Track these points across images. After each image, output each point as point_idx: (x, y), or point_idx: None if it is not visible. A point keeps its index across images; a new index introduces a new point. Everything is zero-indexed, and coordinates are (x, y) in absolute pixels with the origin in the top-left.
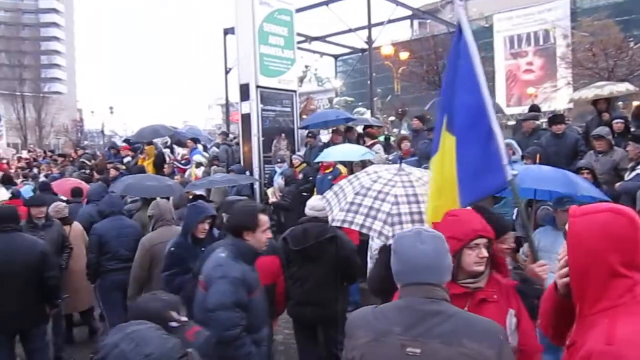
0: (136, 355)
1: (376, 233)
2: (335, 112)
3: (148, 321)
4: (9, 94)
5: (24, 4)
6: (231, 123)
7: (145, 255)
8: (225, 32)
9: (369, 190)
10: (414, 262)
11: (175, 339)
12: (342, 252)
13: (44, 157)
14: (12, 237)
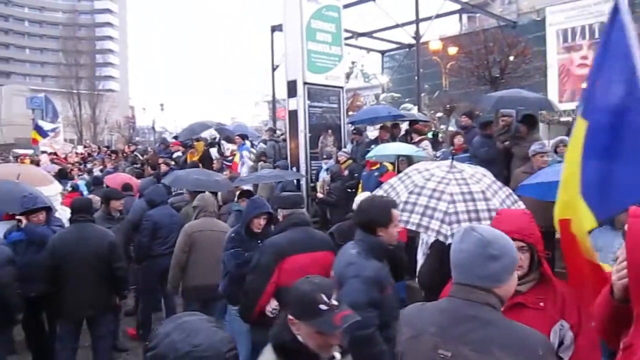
0: (185, 345)
1: (434, 232)
2: (385, 108)
3: (301, 302)
4: (66, 91)
5: (80, 5)
6: (277, 120)
7: (187, 241)
8: (272, 29)
9: (422, 189)
10: (454, 261)
11: (223, 332)
12: None
13: (99, 152)
14: (84, 227)
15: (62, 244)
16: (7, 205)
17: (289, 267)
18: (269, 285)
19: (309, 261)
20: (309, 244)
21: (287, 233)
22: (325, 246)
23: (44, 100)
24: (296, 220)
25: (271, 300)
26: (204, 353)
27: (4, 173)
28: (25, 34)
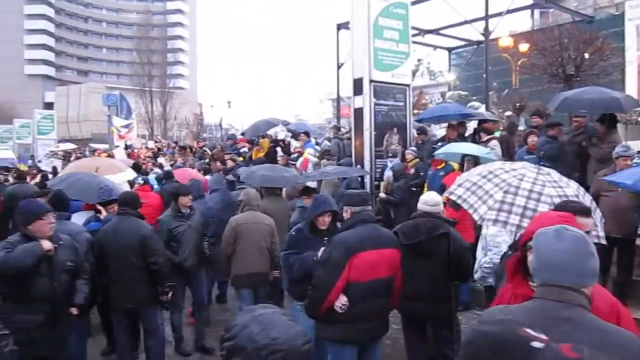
0: (263, 337)
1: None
2: (455, 106)
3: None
4: (139, 89)
5: (154, 6)
6: (341, 117)
7: (232, 232)
8: (338, 27)
9: (518, 189)
10: (548, 261)
11: (298, 325)
12: (454, 250)
13: (168, 147)
14: (122, 219)
15: (102, 236)
16: (86, 197)
17: (359, 263)
18: (340, 281)
19: (377, 258)
20: (377, 241)
21: (356, 230)
22: (392, 243)
23: (119, 98)
24: (364, 217)
25: (341, 296)
26: (281, 346)
27: (84, 166)
28: (102, 35)
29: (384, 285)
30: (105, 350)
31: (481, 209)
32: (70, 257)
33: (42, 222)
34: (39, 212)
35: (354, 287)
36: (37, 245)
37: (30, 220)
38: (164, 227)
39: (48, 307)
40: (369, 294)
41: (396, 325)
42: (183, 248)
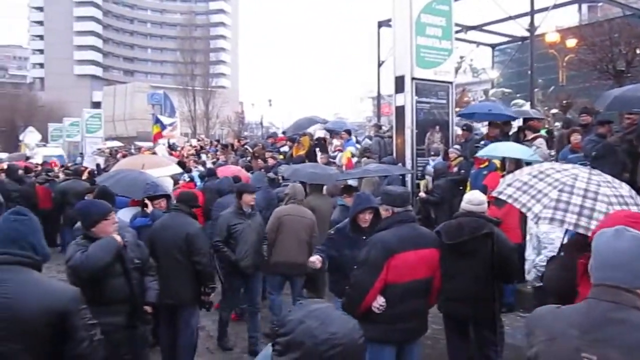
0: (322, 332)
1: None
2: (498, 106)
3: None
4: (182, 88)
5: (197, 6)
6: (382, 115)
7: (276, 222)
8: (379, 24)
9: (573, 188)
10: (605, 260)
11: (351, 319)
12: (498, 250)
13: (211, 145)
14: (173, 216)
15: (152, 231)
16: (133, 193)
17: (397, 264)
18: (377, 282)
19: (416, 259)
20: (416, 241)
21: (394, 230)
22: (431, 243)
23: (163, 97)
24: (403, 217)
25: (378, 297)
26: (341, 340)
27: (131, 163)
28: (147, 35)
29: (422, 286)
30: (152, 342)
31: (535, 208)
32: (137, 255)
33: (106, 223)
34: (103, 212)
35: (392, 288)
36: (112, 240)
37: (95, 221)
38: (223, 223)
39: (127, 307)
40: (407, 295)
41: (437, 325)
42: (240, 247)
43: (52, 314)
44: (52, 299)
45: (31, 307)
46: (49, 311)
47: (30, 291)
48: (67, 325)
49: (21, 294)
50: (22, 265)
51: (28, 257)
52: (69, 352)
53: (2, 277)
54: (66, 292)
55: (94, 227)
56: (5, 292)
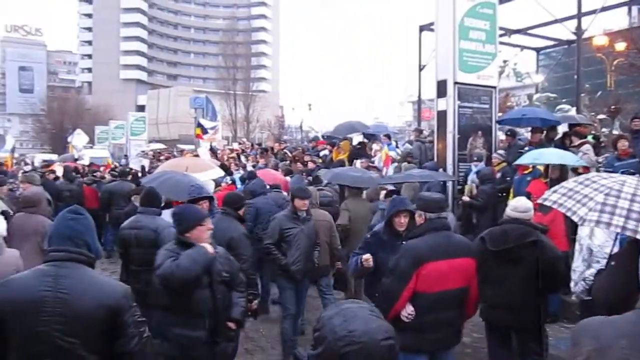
0: (342, 329)
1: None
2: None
3: None
4: (224, 92)
5: (239, 12)
6: (422, 120)
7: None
8: (420, 29)
9: (620, 192)
10: None
11: (382, 321)
12: (545, 258)
13: (251, 149)
14: (220, 219)
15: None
16: (176, 195)
17: (427, 274)
18: (406, 291)
19: (447, 268)
20: (449, 250)
21: (426, 237)
22: (465, 252)
23: (205, 101)
24: (436, 225)
25: (407, 305)
26: (359, 338)
27: (175, 165)
28: (190, 40)
29: (454, 297)
30: None
31: (581, 211)
32: (225, 267)
33: (201, 229)
34: (199, 217)
35: (421, 298)
36: (204, 251)
37: (190, 226)
38: (276, 226)
39: (210, 322)
40: (437, 305)
41: (477, 334)
42: (292, 252)
43: (106, 309)
44: (106, 295)
45: (87, 303)
46: (103, 307)
47: (86, 287)
48: (119, 322)
49: (78, 290)
50: (78, 262)
51: (83, 254)
52: (120, 349)
53: (60, 273)
54: (118, 289)
55: (188, 232)
56: (64, 287)
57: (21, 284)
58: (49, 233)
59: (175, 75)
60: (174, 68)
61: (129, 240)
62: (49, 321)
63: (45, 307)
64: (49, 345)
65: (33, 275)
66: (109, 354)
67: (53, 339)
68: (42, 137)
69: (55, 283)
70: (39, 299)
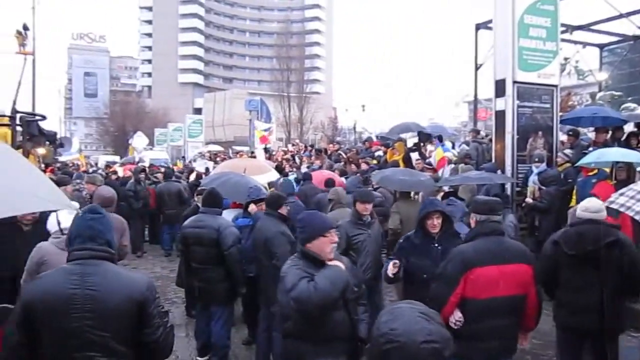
0: (384, 327)
1: None
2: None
3: None
4: (278, 95)
5: (293, 15)
6: (478, 120)
7: None
8: (477, 27)
9: None
10: None
11: (429, 323)
12: (627, 259)
13: (305, 150)
14: (264, 218)
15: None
16: (234, 196)
17: (475, 279)
18: (453, 296)
19: (497, 274)
20: (500, 256)
21: (476, 242)
22: (519, 258)
23: (260, 103)
24: (487, 230)
25: (455, 311)
26: (397, 337)
27: (233, 166)
28: (245, 44)
29: (505, 304)
30: (247, 339)
31: None
32: (354, 280)
33: (324, 240)
34: (324, 227)
35: (470, 304)
36: (342, 272)
37: (313, 236)
38: (342, 233)
39: (350, 345)
40: (487, 312)
41: (536, 340)
42: (362, 259)
43: (132, 302)
44: (131, 288)
45: (115, 297)
46: (130, 300)
47: (112, 283)
48: (145, 313)
49: (105, 286)
50: (101, 259)
51: (105, 251)
52: (146, 338)
53: (86, 271)
54: (142, 282)
55: (310, 242)
56: (91, 284)
57: (49, 283)
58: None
59: (230, 79)
60: (230, 71)
61: (191, 238)
62: (79, 317)
63: (75, 304)
64: (82, 340)
65: (59, 274)
66: (136, 345)
67: (85, 333)
68: (105, 140)
69: (82, 281)
70: (68, 297)
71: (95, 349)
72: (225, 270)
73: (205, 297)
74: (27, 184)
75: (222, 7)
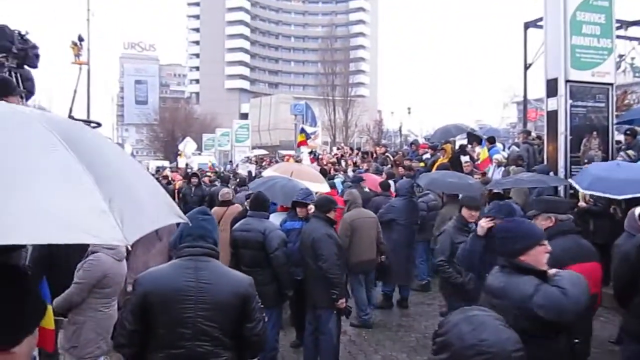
0: (472, 337)
1: None
2: None
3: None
4: (322, 98)
5: (337, 19)
6: (528, 121)
7: (347, 228)
8: (525, 25)
9: None
10: None
11: (512, 331)
12: None
13: (350, 153)
14: (312, 221)
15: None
16: (281, 199)
17: None
18: None
19: (580, 273)
20: (581, 254)
21: (558, 241)
22: (594, 257)
23: (305, 107)
24: (566, 228)
25: None
26: (489, 349)
27: (281, 170)
28: (290, 49)
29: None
30: (294, 342)
31: None
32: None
33: (540, 249)
34: (538, 235)
35: None
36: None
37: (529, 246)
38: (446, 240)
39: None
40: None
41: (595, 348)
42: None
43: (238, 297)
44: (237, 284)
45: (224, 291)
46: (236, 295)
47: (221, 278)
48: (248, 308)
49: (216, 280)
50: (210, 256)
51: (214, 249)
52: (248, 332)
53: (198, 266)
54: (246, 279)
55: (524, 254)
56: (205, 278)
57: (165, 276)
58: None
59: (276, 83)
60: (275, 76)
61: (240, 241)
62: (193, 308)
63: (190, 295)
64: (194, 329)
65: (174, 268)
66: (238, 337)
67: (197, 323)
68: (155, 145)
69: (196, 274)
70: (184, 289)
71: (204, 338)
72: (273, 273)
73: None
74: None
75: (268, 14)
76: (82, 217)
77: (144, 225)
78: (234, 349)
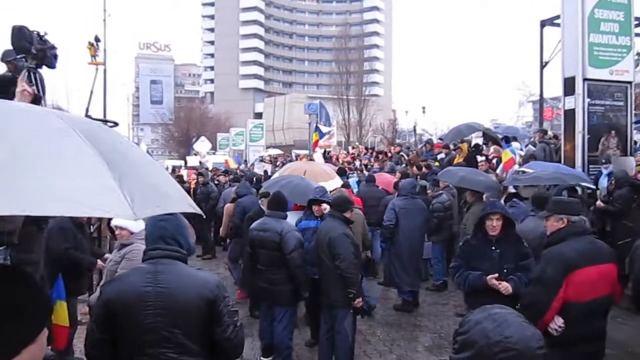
0: (496, 334)
1: None
2: None
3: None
4: (337, 98)
5: (351, 18)
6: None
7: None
8: (542, 24)
9: None
10: None
11: (534, 328)
12: None
13: (365, 153)
14: (327, 220)
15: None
16: (295, 198)
17: (578, 281)
18: (556, 301)
19: (597, 275)
20: (596, 256)
21: (571, 243)
22: (610, 258)
23: (319, 106)
24: (579, 229)
25: (556, 318)
26: (514, 345)
27: (295, 169)
28: (304, 48)
29: (604, 305)
30: (309, 341)
31: None
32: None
33: None
34: None
35: (571, 308)
36: None
37: None
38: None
39: None
40: (590, 315)
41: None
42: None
43: (203, 300)
44: (202, 286)
45: (186, 295)
46: (200, 298)
47: (183, 281)
48: (215, 311)
49: (177, 284)
50: (171, 258)
51: (176, 251)
52: (218, 336)
53: (158, 270)
54: (212, 280)
55: None
56: (164, 282)
57: (126, 282)
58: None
59: (290, 83)
60: (290, 76)
61: (257, 241)
62: (153, 314)
63: (149, 301)
64: (156, 336)
65: (136, 273)
66: (208, 343)
67: (158, 330)
68: (170, 145)
69: (155, 279)
70: (143, 294)
71: (168, 345)
72: (288, 273)
73: (269, 298)
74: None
75: (282, 13)
76: (91, 194)
77: (156, 206)
78: (204, 356)
